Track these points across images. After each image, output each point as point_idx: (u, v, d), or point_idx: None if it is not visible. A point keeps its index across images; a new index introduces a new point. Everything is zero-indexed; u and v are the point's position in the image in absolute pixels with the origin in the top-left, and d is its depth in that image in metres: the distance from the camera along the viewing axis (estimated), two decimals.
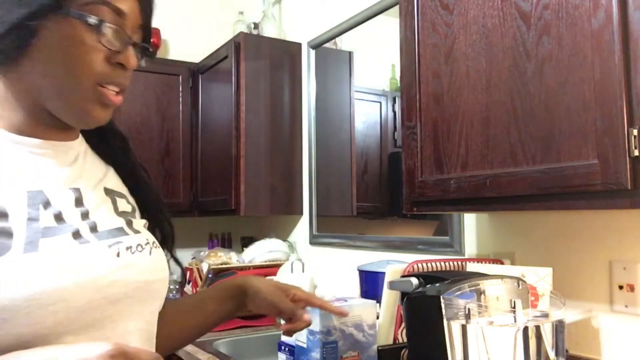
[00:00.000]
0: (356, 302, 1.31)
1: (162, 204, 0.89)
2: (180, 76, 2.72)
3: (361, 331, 1.27)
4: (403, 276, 1.21)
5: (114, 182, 0.82)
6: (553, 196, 0.99)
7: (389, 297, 1.36)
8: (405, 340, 1.31)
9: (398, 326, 1.39)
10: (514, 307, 0.89)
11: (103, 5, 0.68)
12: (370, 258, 1.83)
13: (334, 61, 2.38)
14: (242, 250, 2.54)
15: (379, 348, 1.29)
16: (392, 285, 1.19)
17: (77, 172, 0.75)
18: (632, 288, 1.18)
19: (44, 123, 0.72)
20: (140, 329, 0.74)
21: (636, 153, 0.86)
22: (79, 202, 0.72)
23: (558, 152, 0.97)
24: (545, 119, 1.00)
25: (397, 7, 1.39)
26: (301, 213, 2.46)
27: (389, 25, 1.96)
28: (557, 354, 0.86)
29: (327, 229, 2.32)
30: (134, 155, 0.88)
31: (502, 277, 1.02)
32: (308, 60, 2.44)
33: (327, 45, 2.36)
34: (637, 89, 0.86)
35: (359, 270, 1.65)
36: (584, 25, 0.94)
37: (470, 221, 1.59)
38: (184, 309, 0.96)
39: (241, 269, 2.29)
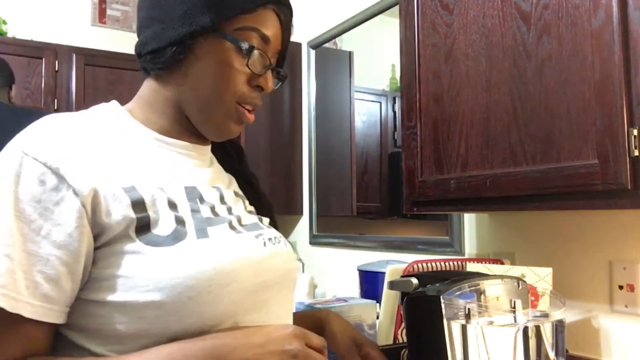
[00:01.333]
0: (356, 302, 1.31)
1: (273, 213, 0.93)
2: None
3: (361, 331, 1.26)
4: (403, 276, 1.21)
5: (236, 185, 0.90)
6: (553, 196, 0.99)
7: (389, 297, 1.36)
8: (405, 340, 1.31)
9: (398, 326, 1.38)
10: (514, 307, 0.89)
11: (254, 31, 0.75)
12: (370, 258, 1.83)
13: (334, 61, 2.38)
14: None
15: (379, 348, 1.29)
16: (392, 285, 1.19)
17: (215, 173, 0.83)
18: (632, 288, 1.18)
19: (186, 128, 0.79)
20: (286, 314, 0.79)
21: (636, 153, 0.86)
22: (222, 199, 0.79)
23: (558, 152, 0.97)
24: (545, 119, 1.00)
25: (397, 7, 1.39)
26: (301, 213, 2.46)
27: (389, 25, 1.96)
28: (557, 354, 0.86)
29: (327, 229, 2.32)
30: (248, 165, 0.96)
31: (502, 277, 1.02)
32: (308, 60, 2.44)
33: (327, 45, 2.36)
34: (637, 88, 0.86)
35: (358, 270, 1.65)
36: (584, 25, 0.94)
37: (470, 221, 1.59)
38: None
39: None
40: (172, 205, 0.70)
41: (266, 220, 0.87)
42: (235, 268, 0.69)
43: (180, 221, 0.69)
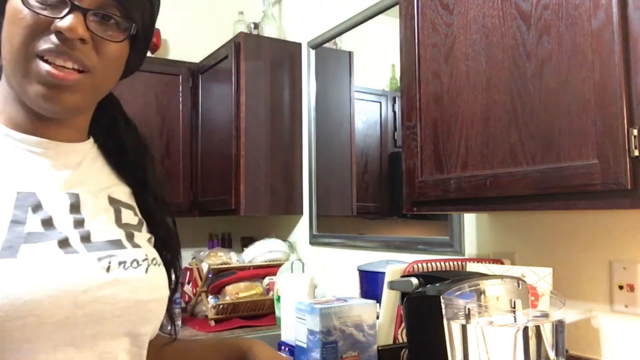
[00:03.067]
0: (356, 302, 1.31)
1: (173, 232, 0.82)
2: (180, 76, 2.72)
3: (361, 331, 1.27)
4: (403, 276, 1.21)
5: (123, 193, 0.77)
6: (553, 196, 0.99)
7: (389, 297, 1.36)
8: (405, 340, 1.31)
9: (398, 326, 1.39)
10: (514, 307, 0.89)
11: None
12: (370, 258, 1.83)
13: (334, 61, 2.38)
14: (242, 250, 2.54)
15: (379, 348, 1.29)
16: (392, 285, 1.19)
17: (79, 176, 0.70)
18: (632, 288, 1.18)
19: (41, 119, 0.67)
20: (126, 351, 0.67)
21: (636, 153, 0.86)
22: (74, 208, 0.67)
23: (558, 152, 0.97)
24: (545, 119, 1.00)
25: (397, 7, 1.39)
26: (301, 213, 2.46)
27: (389, 25, 1.96)
28: (557, 354, 0.86)
29: (327, 229, 2.32)
30: (153, 173, 0.81)
31: (502, 277, 1.02)
32: (308, 60, 2.44)
33: (327, 45, 2.36)
34: (637, 88, 0.86)
35: (358, 270, 1.65)
36: (584, 26, 0.94)
37: (470, 221, 1.59)
38: (187, 353, 0.90)
39: (241, 269, 2.29)
40: None
41: (144, 236, 0.74)
42: (37, 299, 0.57)
43: None
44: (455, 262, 1.37)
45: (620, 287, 1.20)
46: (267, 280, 2.29)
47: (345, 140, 2.22)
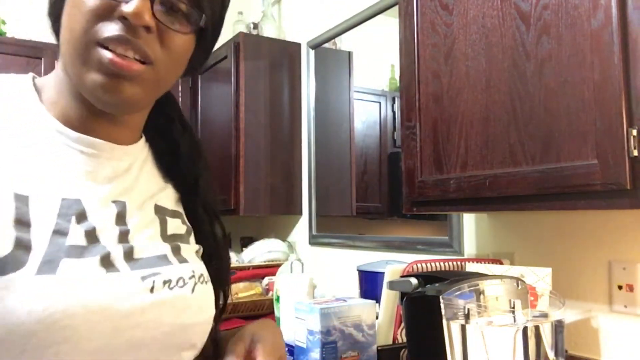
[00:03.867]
0: (356, 302, 1.31)
1: (221, 244, 0.75)
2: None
3: (361, 331, 1.27)
4: (402, 276, 1.21)
5: (170, 199, 0.71)
6: (552, 196, 0.99)
7: (389, 297, 1.36)
8: (404, 340, 1.31)
9: (397, 326, 1.38)
10: (513, 307, 0.89)
11: None
12: (370, 258, 1.83)
13: (333, 61, 2.38)
14: (242, 250, 2.54)
15: (379, 348, 1.29)
16: (392, 285, 1.19)
17: (128, 183, 0.64)
18: (631, 288, 1.18)
19: (97, 114, 0.61)
20: None
21: (635, 153, 0.86)
22: (120, 218, 0.61)
23: (557, 152, 0.97)
24: (544, 119, 1.00)
25: (396, 7, 1.39)
26: (301, 213, 2.46)
27: (389, 25, 1.96)
28: (556, 354, 0.86)
29: (327, 229, 2.32)
30: (205, 180, 0.74)
31: (501, 277, 1.02)
32: (307, 61, 2.44)
33: (326, 45, 2.36)
34: (637, 89, 0.86)
35: (358, 270, 1.65)
36: (584, 26, 0.94)
37: (469, 221, 1.59)
38: None
39: (240, 269, 2.29)
40: (21, 222, 0.53)
41: (191, 248, 0.68)
42: (75, 324, 0.51)
43: (22, 245, 0.51)
44: (454, 262, 1.37)
45: (620, 287, 1.20)
46: (266, 280, 2.29)
47: (344, 140, 2.22)
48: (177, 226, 0.68)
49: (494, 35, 1.10)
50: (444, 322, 0.93)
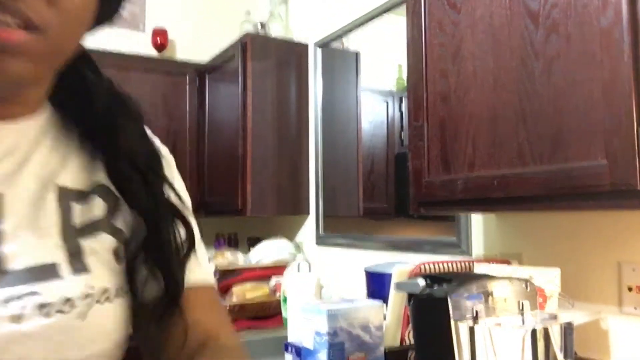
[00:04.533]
0: (363, 303, 1.30)
1: (162, 206, 0.57)
2: (187, 76, 2.73)
3: (368, 332, 1.26)
4: (410, 277, 1.20)
5: (83, 171, 0.55)
6: (561, 197, 0.98)
7: (396, 299, 1.35)
8: (412, 341, 1.30)
9: (405, 327, 1.38)
10: (522, 309, 0.89)
11: None
12: (377, 258, 1.82)
13: (340, 61, 2.38)
14: (249, 250, 2.54)
15: (386, 350, 1.28)
16: (399, 286, 1.18)
17: (9, 167, 0.49)
18: None
19: None
20: None
21: None
22: None
23: (566, 152, 0.96)
24: (553, 119, 0.99)
25: (404, 6, 1.38)
26: (308, 213, 2.46)
27: (396, 24, 1.95)
28: (565, 357, 0.85)
29: (334, 229, 2.31)
30: (132, 135, 0.58)
31: (510, 278, 1.01)
32: (315, 60, 2.44)
33: (333, 45, 2.36)
34: None
35: (365, 271, 1.65)
36: (593, 24, 0.93)
37: (477, 221, 1.58)
38: None
39: (248, 269, 2.29)
40: None
41: (105, 244, 0.53)
42: None
43: None
44: (462, 263, 1.36)
45: (630, 289, 1.18)
46: (273, 280, 2.29)
47: (351, 140, 2.21)
48: (89, 209, 0.53)
49: (502, 34, 1.09)
50: (452, 323, 0.92)
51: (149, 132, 0.62)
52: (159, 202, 0.56)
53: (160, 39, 2.86)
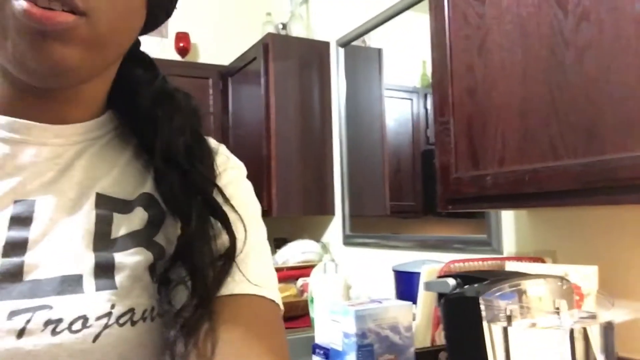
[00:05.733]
0: (391, 303, 1.28)
1: (199, 232, 0.49)
2: (210, 79, 2.74)
3: (397, 333, 1.24)
4: (439, 276, 1.17)
5: (132, 180, 0.52)
6: (597, 190, 0.94)
7: (426, 298, 1.33)
8: (443, 342, 1.27)
9: (435, 328, 1.35)
10: (559, 308, 0.85)
11: None
12: (405, 258, 1.79)
13: (363, 59, 2.36)
14: (275, 251, 2.53)
15: (417, 351, 1.26)
16: (429, 286, 1.15)
17: (51, 173, 0.47)
18: None
19: (33, 94, 0.47)
20: None
21: None
22: (19, 222, 0.44)
23: (602, 144, 0.92)
24: (587, 109, 0.95)
25: (425, 2, 1.35)
26: (334, 213, 2.44)
27: (418, 20, 1.92)
28: (606, 358, 0.81)
29: (361, 229, 2.29)
30: (186, 139, 0.52)
31: (544, 276, 0.98)
32: (337, 59, 2.42)
33: (355, 43, 2.34)
34: None
35: (393, 270, 1.62)
36: (626, 9, 0.89)
37: (508, 218, 1.54)
38: None
39: (275, 270, 2.28)
40: None
41: (140, 260, 0.47)
42: None
43: None
44: (493, 262, 1.33)
45: None
46: (300, 281, 2.28)
47: (376, 138, 2.18)
48: (129, 220, 0.49)
49: (530, 24, 1.05)
50: (485, 324, 0.89)
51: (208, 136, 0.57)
52: (197, 203, 0.50)
53: (183, 43, 2.88)
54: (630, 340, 1.20)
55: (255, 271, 0.51)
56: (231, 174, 0.57)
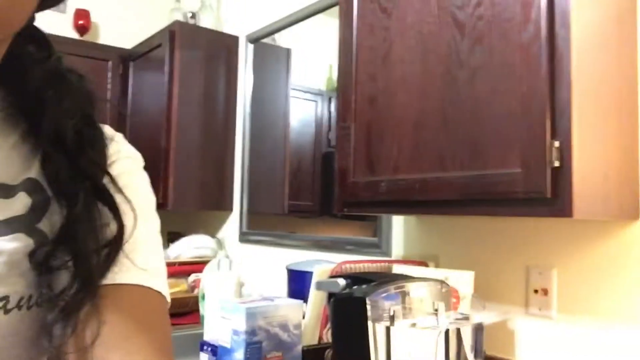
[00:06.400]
0: (282, 301, 1.30)
1: (83, 212, 0.47)
2: (110, 62, 2.60)
3: (286, 331, 1.25)
4: (331, 277, 1.21)
5: (16, 164, 0.49)
6: (478, 202, 1.01)
7: (316, 297, 1.35)
8: (330, 340, 1.31)
9: (323, 326, 1.38)
10: (437, 310, 0.91)
11: None
12: (300, 257, 1.82)
13: (271, 57, 2.36)
14: (169, 245, 2.46)
15: (304, 348, 1.28)
16: (320, 285, 1.18)
17: None
18: (545, 292, 1.23)
19: None
20: None
21: (556, 164, 0.90)
22: None
23: (484, 160, 1.00)
24: (473, 127, 1.02)
25: (337, 8, 1.38)
26: (231, 209, 2.42)
27: (328, 24, 1.96)
28: (475, 356, 0.88)
29: (258, 227, 2.29)
30: (74, 121, 0.49)
31: (426, 279, 1.04)
32: (245, 55, 2.40)
33: (265, 40, 2.33)
34: (561, 102, 0.90)
35: (287, 269, 1.64)
36: (514, 38, 0.97)
37: (398, 223, 1.61)
38: None
39: (167, 265, 2.22)
40: None
41: (13, 249, 0.44)
42: None
43: None
44: (382, 264, 1.39)
45: (536, 291, 1.25)
46: (192, 277, 2.23)
47: (279, 137, 2.19)
48: (10, 205, 0.46)
49: (431, 41, 1.12)
50: (370, 323, 0.94)
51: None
52: (84, 187, 0.48)
53: (83, 20, 2.71)
54: (498, 340, 1.31)
55: (142, 261, 0.50)
56: (125, 164, 0.55)
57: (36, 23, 0.53)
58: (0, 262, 0.43)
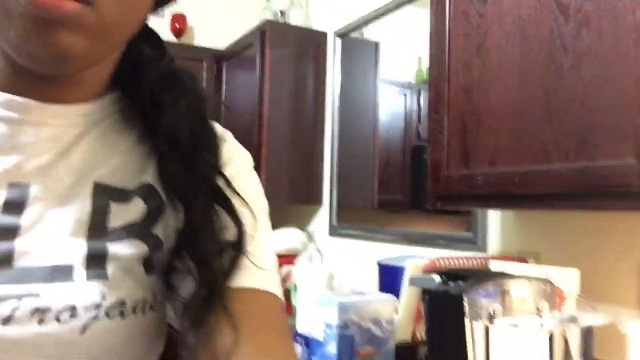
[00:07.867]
0: (375, 296, 1.29)
1: (207, 213, 0.48)
2: (205, 62, 2.71)
3: (379, 326, 1.25)
4: (425, 272, 1.18)
5: (132, 169, 0.49)
6: (586, 196, 0.95)
7: (409, 293, 1.33)
8: (423, 337, 1.28)
9: (417, 323, 1.36)
10: (540, 310, 0.86)
11: None
12: (390, 251, 1.80)
13: (359, 51, 2.35)
14: None
15: (397, 344, 1.27)
16: (413, 281, 1.16)
17: (49, 156, 0.46)
18: None
19: (35, 77, 0.44)
20: None
21: None
22: (11, 208, 0.43)
23: (593, 150, 0.93)
24: (581, 115, 0.96)
25: None
26: (321, 203, 2.44)
27: (417, 16, 1.92)
28: None
29: (347, 220, 2.30)
30: (192, 126, 0.50)
31: (528, 277, 0.99)
32: (334, 50, 2.41)
33: (353, 35, 2.33)
34: None
35: (378, 264, 1.63)
36: (627, 18, 0.89)
37: (494, 217, 1.55)
38: None
39: None
40: None
41: (134, 252, 0.46)
42: None
43: None
44: (477, 260, 1.34)
45: None
46: (284, 269, 2.28)
47: (368, 131, 2.18)
48: (127, 211, 0.47)
49: (530, 26, 1.06)
50: (467, 321, 0.90)
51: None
52: (201, 190, 0.48)
53: (179, 24, 2.84)
54: (607, 344, 1.22)
55: (262, 264, 0.50)
56: (238, 165, 0.56)
57: None
58: (115, 267, 0.44)
